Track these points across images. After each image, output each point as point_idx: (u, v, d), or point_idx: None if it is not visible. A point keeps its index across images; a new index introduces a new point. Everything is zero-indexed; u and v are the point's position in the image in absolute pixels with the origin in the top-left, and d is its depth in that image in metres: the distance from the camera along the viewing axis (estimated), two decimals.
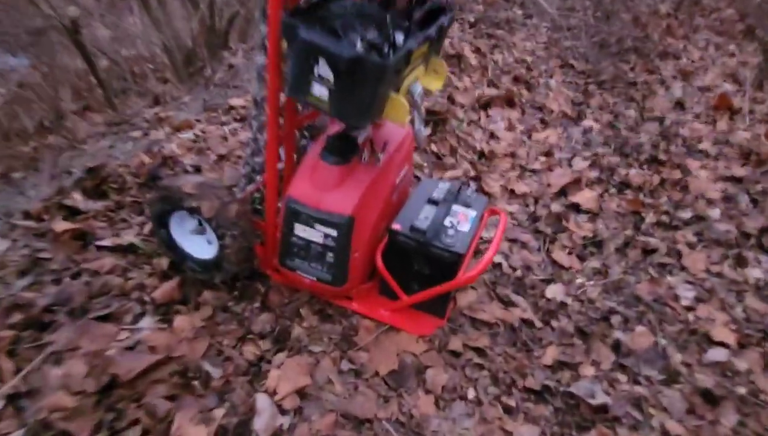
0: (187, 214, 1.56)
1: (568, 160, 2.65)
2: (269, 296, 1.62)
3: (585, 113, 3.26)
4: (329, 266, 1.54)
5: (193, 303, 1.57)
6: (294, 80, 1.25)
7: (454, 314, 1.66)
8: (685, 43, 4.87)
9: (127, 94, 4.13)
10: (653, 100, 3.59)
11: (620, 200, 2.34)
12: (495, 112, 2.99)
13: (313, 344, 1.50)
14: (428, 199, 1.65)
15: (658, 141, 2.92)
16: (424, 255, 1.52)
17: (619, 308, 1.75)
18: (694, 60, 4.54)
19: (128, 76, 4.28)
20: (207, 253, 1.59)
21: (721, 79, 4.05)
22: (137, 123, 3.32)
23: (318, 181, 1.46)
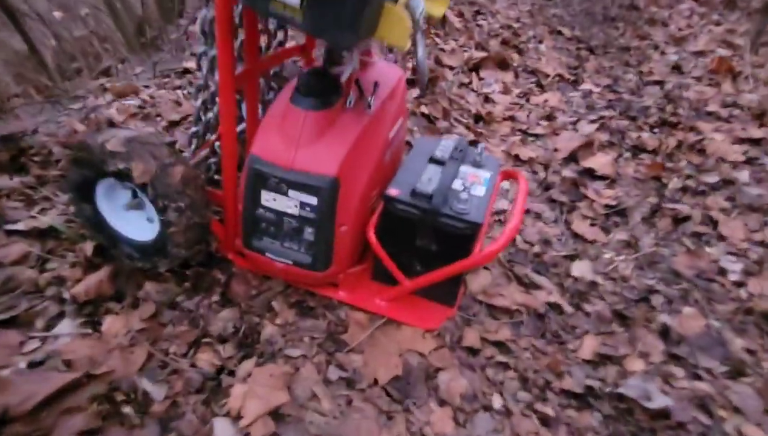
0: (117, 183, 1.19)
1: (573, 123, 2.35)
2: (231, 287, 1.27)
3: (582, 77, 2.98)
4: (308, 245, 1.19)
5: (129, 300, 1.20)
6: None
7: (465, 301, 1.34)
8: (670, 12, 4.67)
9: (80, 76, 3.63)
10: (649, 65, 3.35)
11: (637, 165, 2.05)
12: (488, 75, 2.67)
13: (290, 346, 1.15)
14: (430, 159, 1.32)
15: (663, 104, 2.66)
16: (430, 227, 1.18)
17: (659, 286, 1.46)
18: (682, 28, 4.33)
19: (79, 56, 3.80)
20: (147, 234, 1.22)
21: (714, 44, 3.83)
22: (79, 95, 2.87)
23: (290, 133, 1.11)
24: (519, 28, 3.82)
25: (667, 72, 3.23)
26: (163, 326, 1.15)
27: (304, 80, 1.11)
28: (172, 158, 1.13)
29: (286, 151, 1.10)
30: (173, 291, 1.23)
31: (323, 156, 1.10)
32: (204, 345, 1.13)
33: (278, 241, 1.21)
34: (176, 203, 1.12)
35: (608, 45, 3.70)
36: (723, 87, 2.92)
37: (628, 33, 4.00)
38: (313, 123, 1.10)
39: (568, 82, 2.90)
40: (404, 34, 0.95)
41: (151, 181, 1.09)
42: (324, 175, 1.09)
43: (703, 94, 2.80)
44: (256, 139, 1.14)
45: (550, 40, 3.63)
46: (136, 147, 1.10)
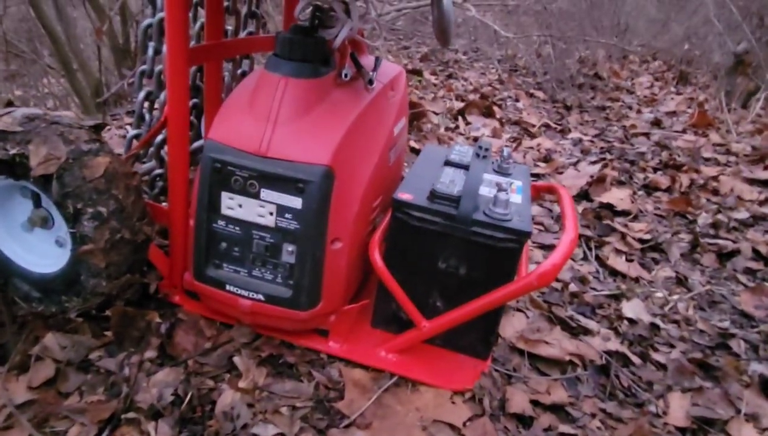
0: (13, 185, 0.83)
1: (574, 164, 2.14)
2: (176, 339, 0.88)
3: (568, 127, 2.85)
4: (287, 271, 0.84)
5: (16, 358, 0.79)
6: None
7: (499, 351, 0.99)
8: (632, 82, 4.83)
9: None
10: (629, 121, 3.29)
11: (655, 202, 1.82)
12: (474, 120, 2.49)
13: (260, 421, 0.76)
14: (446, 162, 1.02)
15: (658, 150, 2.52)
16: (458, 241, 0.86)
17: (734, 329, 1.15)
18: (647, 95, 4.43)
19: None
20: (53, 262, 0.85)
21: (684, 106, 3.88)
22: None
23: (262, 107, 0.80)
24: (493, 90, 3.78)
25: (649, 126, 3.17)
26: (61, 396, 0.75)
27: (285, 39, 0.82)
28: (93, 145, 0.79)
29: (257, 131, 0.78)
30: (86, 344, 0.83)
31: (311, 138, 0.79)
32: (125, 425, 0.73)
33: (244, 268, 0.86)
34: (95, 208, 0.77)
35: (583, 105, 3.66)
36: (711, 137, 2.84)
37: (599, 96, 4.03)
38: (297, 94, 0.80)
39: (556, 130, 2.76)
40: None
41: (57, 172, 0.74)
42: (313, 165, 0.77)
43: (694, 143, 2.69)
44: (217, 118, 0.82)
45: (526, 99, 3.57)
46: (40, 127, 0.76)
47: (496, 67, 4.94)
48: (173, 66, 0.80)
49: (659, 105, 3.93)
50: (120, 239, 0.80)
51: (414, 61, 4.27)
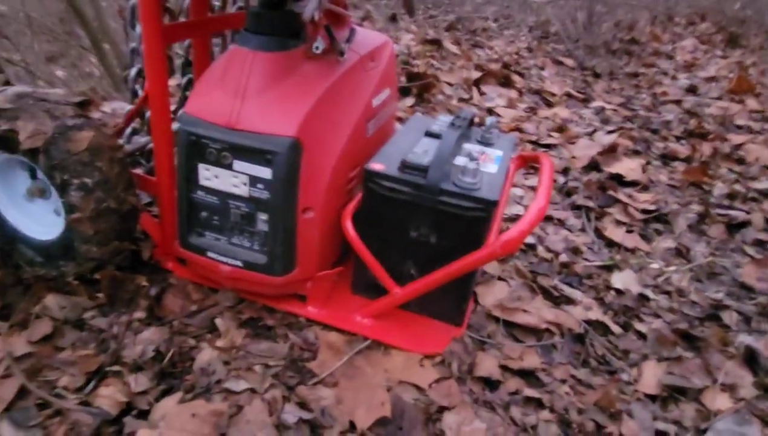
0: (13, 160, 0.90)
1: (589, 134, 2.08)
2: (164, 302, 0.95)
3: (592, 96, 2.75)
4: (262, 238, 0.88)
5: (19, 316, 0.88)
6: None
7: (475, 318, 1.01)
8: (673, 47, 4.56)
9: None
10: (662, 88, 3.14)
11: (670, 173, 1.76)
12: (490, 90, 2.44)
13: (233, 377, 0.82)
14: (426, 133, 1.03)
15: (686, 118, 2.41)
16: (427, 210, 0.88)
17: (729, 301, 1.12)
18: (687, 60, 4.18)
19: None
20: (52, 230, 0.92)
21: (726, 71, 3.65)
22: None
23: (233, 82, 0.83)
24: (518, 59, 3.67)
25: (682, 93, 3.02)
26: (57, 350, 0.83)
27: (254, 14, 0.84)
28: (78, 120, 0.85)
29: (228, 105, 0.82)
30: (82, 305, 0.90)
31: (279, 111, 0.81)
32: (110, 376, 0.80)
33: (224, 235, 0.90)
34: (81, 179, 0.82)
35: (615, 72, 3.52)
36: (748, 103, 2.69)
37: (634, 63, 3.85)
38: (265, 67, 0.82)
39: (577, 100, 2.68)
40: None
41: (44, 146, 0.80)
42: (280, 137, 0.80)
43: (727, 110, 2.56)
44: (191, 95, 0.86)
45: (552, 68, 3.46)
46: (28, 104, 0.82)
47: (525, 34, 4.79)
48: (149, 44, 0.84)
49: (699, 70, 3.72)
50: (106, 208, 0.86)
51: (439, 31, 4.19)
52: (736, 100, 2.76)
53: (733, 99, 2.84)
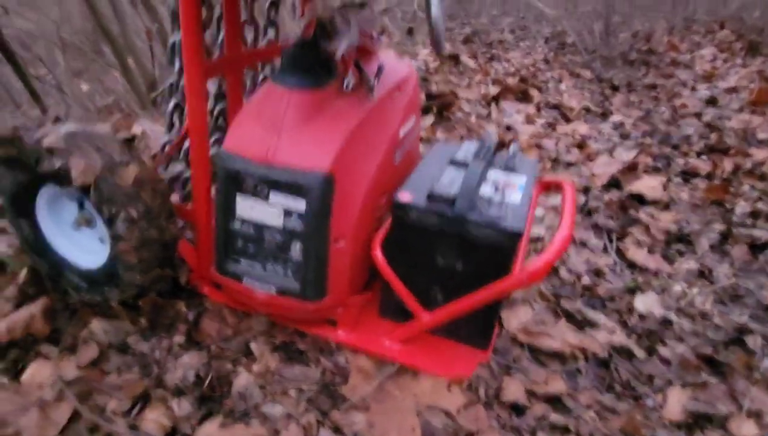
0: (62, 192, 0.95)
1: (609, 151, 2.10)
2: (201, 326, 0.99)
3: (610, 110, 2.76)
4: (296, 266, 0.92)
5: (68, 341, 0.93)
6: None
7: (501, 343, 1.03)
8: (692, 56, 4.53)
9: None
10: (681, 100, 3.13)
11: (691, 190, 1.77)
12: (508, 106, 2.47)
13: (270, 401, 0.85)
14: (451, 161, 1.06)
15: (707, 133, 2.41)
16: (454, 239, 0.91)
17: (753, 325, 1.13)
18: (707, 69, 4.15)
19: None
20: (97, 258, 0.97)
21: (747, 81, 3.62)
22: None
23: (270, 119, 0.87)
24: (536, 72, 3.69)
25: (702, 105, 3.01)
26: (104, 374, 0.87)
27: (290, 54, 0.89)
28: (125, 156, 0.90)
29: (264, 141, 0.86)
30: (125, 330, 0.95)
31: (313, 146, 0.85)
32: (154, 400, 0.84)
33: (259, 262, 0.94)
34: (126, 211, 0.87)
35: (633, 84, 3.52)
36: None
37: (652, 74, 3.84)
38: (300, 105, 0.87)
39: (596, 114, 2.69)
40: None
41: (94, 182, 0.85)
42: (314, 171, 0.84)
43: (749, 123, 2.55)
44: (231, 130, 0.90)
45: (569, 80, 3.47)
46: (79, 142, 0.87)
47: (542, 46, 4.81)
48: (190, 81, 0.89)
49: (719, 80, 3.69)
50: (149, 237, 0.91)
51: (455, 44, 4.23)
52: (757, 112, 2.75)
53: (754, 111, 2.83)
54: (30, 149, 0.88)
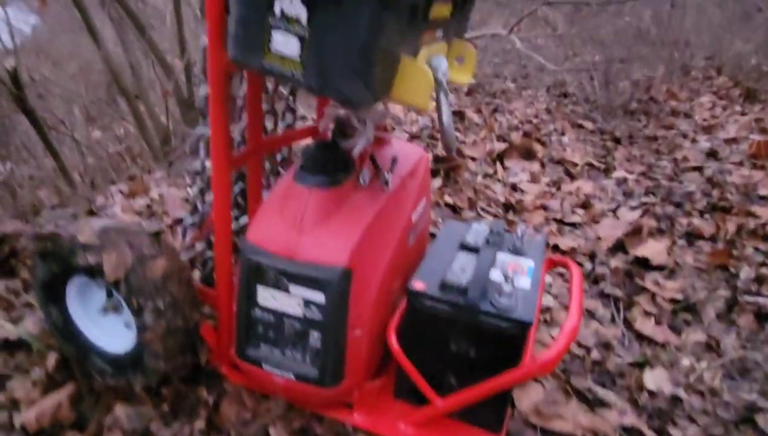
0: (91, 281, 1.00)
1: (612, 211, 2.14)
2: (221, 410, 1.02)
3: (613, 165, 2.82)
4: (314, 353, 0.95)
5: (93, 426, 0.95)
6: (241, 30, 0.75)
7: (513, 424, 1.05)
8: (691, 105, 4.63)
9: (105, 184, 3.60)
10: (682, 152, 3.20)
11: (696, 253, 1.80)
12: (513, 164, 2.54)
13: None
14: (461, 245, 1.11)
15: (708, 189, 2.46)
16: (466, 328, 0.94)
17: (763, 402, 1.14)
18: (707, 118, 4.25)
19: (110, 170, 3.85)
20: (123, 343, 1.01)
21: (746, 131, 3.69)
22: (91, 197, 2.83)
23: (291, 215, 0.93)
24: (539, 123, 3.79)
25: (703, 158, 3.07)
26: None
27: (310, 154, 0.95)
28: (153, 250, 0.95)
29: (286, 237, 0.91)
30: (148, 415, 0.98)
31: (331, 242, 0.90)
32: None
33: (278, 349, 0.98)
34: (154, 303, 0.92)
35: (634, 135, 3.60)
36: None
37: (652, 124, 3.93)
38: (320, 203, 0.92)
39: (599, 170, 2.75)
40: (425, 91, 0.80)
41: (125, 275, 0.90)
42: (332, 266, 0.89)
43: (750, 178, 2.60)
44: (251, 224, 0.96)
45: (572, 132, 3.56)
46: (112, 237, 0.93)
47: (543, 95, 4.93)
48: (217, 173, 0.94)
49: (718, 130, 3.77)
50: (174, 326, 0.95)
51: (459, 95, 4.35)
52: (757, 166, 2.80)
53: (755, 164, 2.88)
54: (65, 244, 0.93)
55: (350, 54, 0.70)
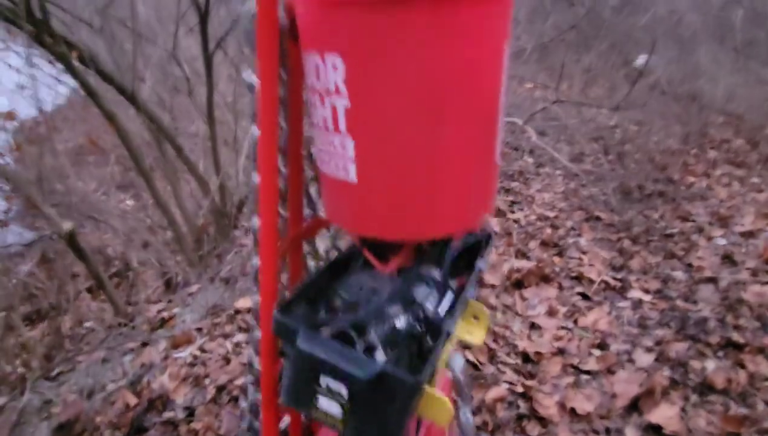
0: None
1: (628, 353, 2.24)
2: None
3: (629, 281, 2.92)
4: None
5: None
6: (292, 387, 0.93)
7: None
8: (707, 182, 4.68)
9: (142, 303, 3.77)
10: (697, 254, 3.28)
11: (708, 413, 1.89)
12: (531, 294, 2.67)
13: None
14: None
15: (723, 314, 2.54)
16: None
17: None
18: (723, 199, 4.31)
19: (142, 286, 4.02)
20: None
21: (762, 221, 3.74)
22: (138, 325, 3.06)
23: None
24: (556, 217, 3.92)
25: (719, 263, 3.15)
26: None
27: None
28: None
29: None
30: None
31: None
32: None
33: None
34: None
35: (650, 231, 3.69)
36: None
37: (668, 214, 4.01)
38: None
39: (615, 289, 2.85)
40: (446, 415, 0.96)
41: None
42: None
43: (762, 297, 2.67)
44: None
45: (588, 230, 3.67)
46: None
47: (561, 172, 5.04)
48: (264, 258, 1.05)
49: (735, 219, 3.82)
50: None
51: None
52: None
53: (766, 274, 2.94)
54: None
55: (386, 419, 0.86)
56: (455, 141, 0.88)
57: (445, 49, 0.82)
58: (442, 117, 0.86)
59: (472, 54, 0.84)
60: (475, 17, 0.82)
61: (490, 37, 0.86)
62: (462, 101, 0.86)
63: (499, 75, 0.92)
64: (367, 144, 0.88)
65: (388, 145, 0.88)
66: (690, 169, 5.04)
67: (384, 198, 0.92)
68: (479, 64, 0.86)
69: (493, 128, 0.94)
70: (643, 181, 4.64)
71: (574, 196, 4.49)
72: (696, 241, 3.50)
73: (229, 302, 2.71)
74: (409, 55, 0.81)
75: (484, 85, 0.89)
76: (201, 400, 1.91)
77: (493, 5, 0.84)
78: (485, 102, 0.90)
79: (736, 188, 4.58)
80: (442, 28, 0.80)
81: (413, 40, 0.80)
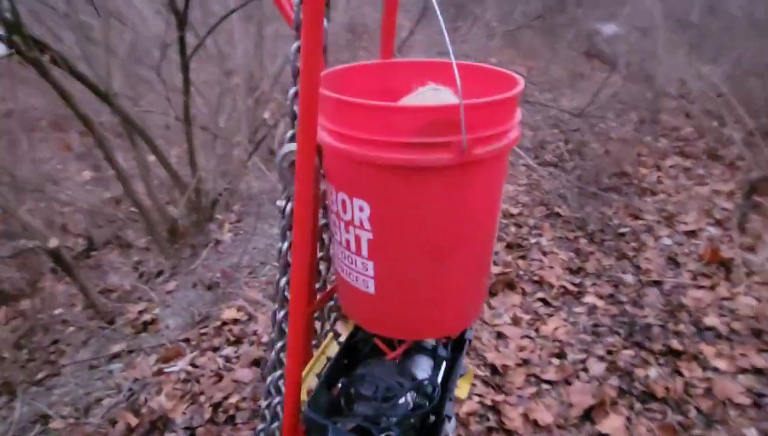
0: None
1: (582, 362, 2.52)
2: None
3: (585, 286, 3.20)
4: None
5: None
6: None
7: None
8: (657, 175, 4.98)
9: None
10: (645, 255, 3.58)
11: (649, 422, 2.18)
12: (498, 303, 2.89)
13: None
14: None
15: (665, 319, 2.85)
16: None
17: None
18: (671, 194, 4.62)
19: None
20: None
21: (703, 218, 4.08)
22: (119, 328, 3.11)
23: None
24: (519, 214, 4.15)
25: (663, 265, 3.45)
26: None
27: None
28: None
29: None
30: None
31: None
32: None
33: None
34: None
35: (604, 230, 3.97)
36: (718, 290, 3.12)
37: (621, 211, 4.29)
38: None
39: (572, 294, 3.12)
40: None
41: None
42: None
43: (700, 302, 2.99)
44: None
45: (549, 230, 3.91)
46: None
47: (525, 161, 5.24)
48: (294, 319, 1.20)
49: (680, 217, 4.12)
50: None
51: None
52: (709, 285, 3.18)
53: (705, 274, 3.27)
54: None
55: None
56: (457, 266, 1.03)
57: (453, 200, 0.95)
58: (448, 248, 0.99)
59: (475, 203, 0.98)
60: (480, 176, 0.95)
61: (491, 185, 1.00)
62: (465, 236, 1.00)
63: (497, 209, 1.06)
64: (386, 267, 1.01)
65: (403, 269, 1.01)
66: (642, 160, 5.32)
67: (397, 308, 1.06)
68: (481, 206, 1.00)
69: (488, 252, 1.09)
70: (599, 174, 4.90)
71: (536, 189, 4.72)
72: (645, 241, 3.80)
73: (214, 311, 2.80)
74: (424, 205, 0.94)
75: (484, 220, 1.02)
76: (200, 420, 2.04)
77: (496, 162, 0.97)
78: (484, 234, 1.04)
79: (682, 182, 4.90)
80: (452, 187, 0.93)
81: (428, 194, 0.92)
